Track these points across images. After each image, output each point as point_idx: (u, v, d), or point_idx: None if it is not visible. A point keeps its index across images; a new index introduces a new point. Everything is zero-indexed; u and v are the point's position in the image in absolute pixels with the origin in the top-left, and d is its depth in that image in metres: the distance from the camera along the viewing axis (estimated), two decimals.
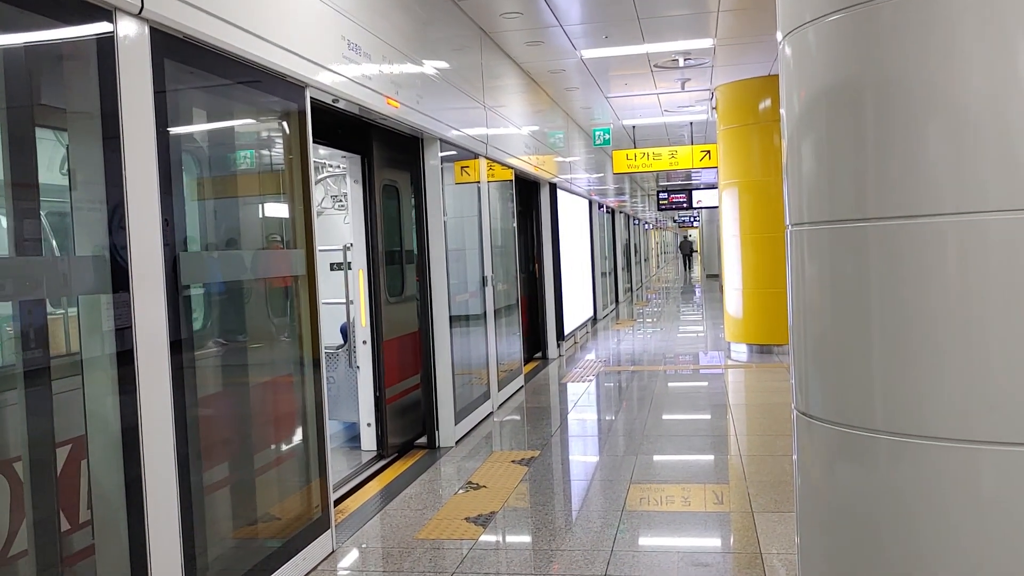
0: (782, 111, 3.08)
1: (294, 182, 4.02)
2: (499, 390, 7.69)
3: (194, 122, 3.55)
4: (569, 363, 10.42)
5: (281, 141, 4.07)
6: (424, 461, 5.78)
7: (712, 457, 5.63)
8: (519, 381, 8.61)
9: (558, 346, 11.16)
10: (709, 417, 6.95)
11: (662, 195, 20.24)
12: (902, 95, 2.53)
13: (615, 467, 5.44)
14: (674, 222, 49.81)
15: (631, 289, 23.65)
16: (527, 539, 4.26)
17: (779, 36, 3.05)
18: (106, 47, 2.65)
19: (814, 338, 2.96)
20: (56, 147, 3.15)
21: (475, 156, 7.27)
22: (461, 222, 7.11)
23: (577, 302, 12.81)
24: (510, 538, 4.30)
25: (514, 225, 9.01)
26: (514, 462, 5.65)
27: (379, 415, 5.70)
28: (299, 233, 4.01)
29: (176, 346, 2.91)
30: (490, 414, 7.29)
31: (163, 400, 2.81)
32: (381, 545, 4.21)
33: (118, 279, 2.67)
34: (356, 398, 5.93)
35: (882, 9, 2.62)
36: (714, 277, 27.97)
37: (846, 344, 2.77)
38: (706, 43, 8.50)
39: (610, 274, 18.18)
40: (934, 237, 2.50)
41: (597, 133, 12.92)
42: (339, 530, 4.35)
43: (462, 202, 7.18)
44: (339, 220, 7.67)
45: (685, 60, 9.23)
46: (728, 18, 7.62)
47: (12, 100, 2.55)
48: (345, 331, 6.36)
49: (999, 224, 2.39)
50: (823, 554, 3.02)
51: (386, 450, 5.68)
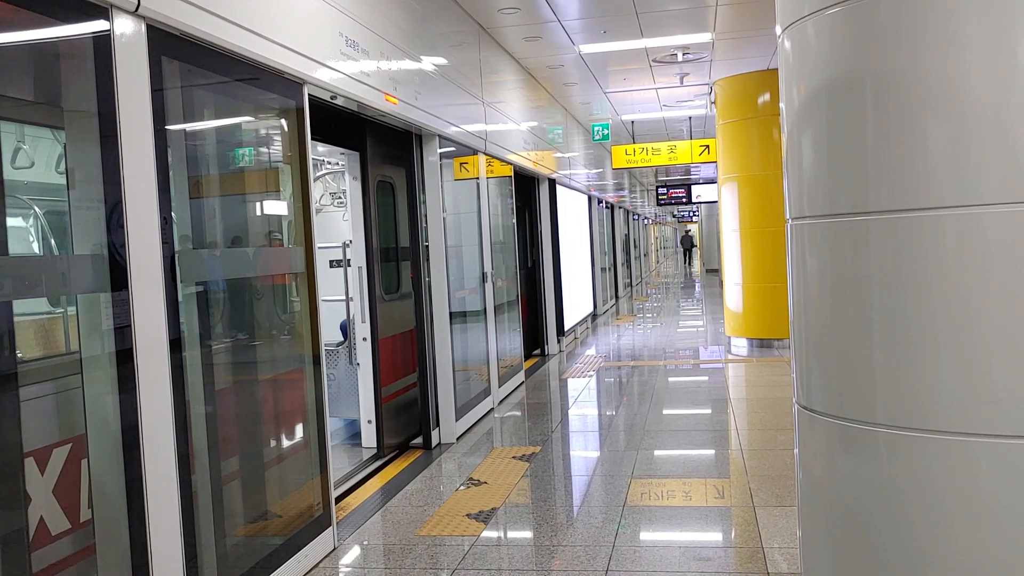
0: (781, 105, 3.07)
1: (293, 179, 4.02)
2: (500, 386, 7.69)
3: (192, 120, 3.54)
4: (569, 359, 10.43)
5: (279, 138, 4.06)
6: (425, 458, 5.78)
7: (713, 452, 5.63)
8: (519, 377, 8.61)
9: (558, 342, 11.16)
10: (710, 412, 6.95)
11: (661, 190, 20.25)
12: (901, 88, 2.52)
13: (616, 462, 5.44)
14: (673, 217, 49.81)
15: (631, 284, 23.65)
16: (529, 535, 4.26)
17: (778, 29, 3.05)
18: (103, 45, 2.64)
19: (815, 332, 2.95)
20: (53, 145, 3.14)
21: (474, 152, 7.27)
22: (460, 218, 7.11)
23: (577, 298, 12.81)
24: (511, 534, 4.30)
25: (513, 221, 9.00)
26: (515, 458, 5.65)
27: (376, 412, 5.70)
28: (298, 230, 4.00)
29: (176, 344, 2.90)
30: (491, 410, 7.29)
31: (163, 398, 2.81)
32: (383, 542, 4.21)
33: (117, 277, 2.66)
34: (356, 395, 5.93)
35: (881, 2, 2.61)
36: (713, 272, 27.96)
37: (847, 338, 2.77)
38: (705, 37, 8.49)
39: (610, 269, 18.17)
40: (934, 230, 2.50)
41: (596, 128, 12.90)
42: (340, 527, 4.36)
43: (461, 198, 7.17)
44: (338, 217, 7.66)
45: (684, 55, 9.21)
46: (727, 12, 7.61)
47: None
48: (345, 328, 6.35)
49: (998, 217, 2.39)
50: (825, 547, 3.02)
51: (382, 450, 5.66)
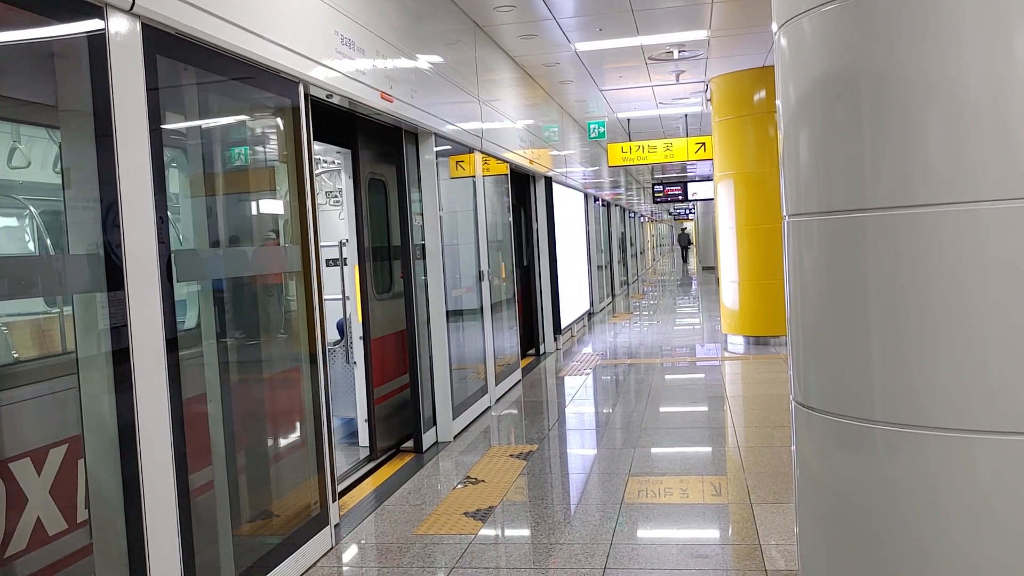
0: (778, 102, 3.07)
1: (290, 178, 4.01)
2: (496, 384, 7.68)
3: (188, 119, 3.53)
4: (566, 357, 10.43)
5: (276, 137, 4.06)
6: (422, 457, 5.77)
7: (710, 449, 5.64)
8: (516, 375, 8.61)
9: (555, 340, 11.16)
10: (706, 409, 6.95)
11: (657, 188, 20.26)
12: (898, 85, 2.52)
13: (613, 460, 5.44)
14: (669, 215, 49.84)
15: (627, 282, 23.66)
16: (526, 533, 4.26)
17: (774, 27, 3.05)
18: (98, 44, 2.63)
19: (812, 329, 2.95)
20: (49, 145, 3.13)
21: (470, 150, 7.26)
22: (457, 217, 7.10)
23: (574, 296, 12.81)
24: (509, 532, 4.30)
25: (510, 220, 9.00)
26: (512, 456, 5.65)
27: (368, 414, 5.67)
28: (295, 229, 3.99)
29: (172, 343, 2.90)
30: (488, 408, 7.29)
31: (159, 398, 2.80)
32: (381, 541, 4.21)
33: (113, 277, 2.66)
34: (353, 394, 5.91)
35: None
36: (710, 269, 27.98)
37: (844, 335, 2.77)
38: (700, 35, 8.49)
39: (606, 267, 18.18)
40: (931, 227, 2.50)
41: (592, 126, 12.90)
42: (338, 526, 4.35)
43: (458, 197, 7.16)
44: (334, 216, 7.65)
45: (680, 52, 9.22)
46: (722, 9, 7.61)
47: None
48: (342, 327, 6.34)
49: (996, 213, 2.39)
50: (822, 544, 3.03)
51: (375, 452, 5.64)
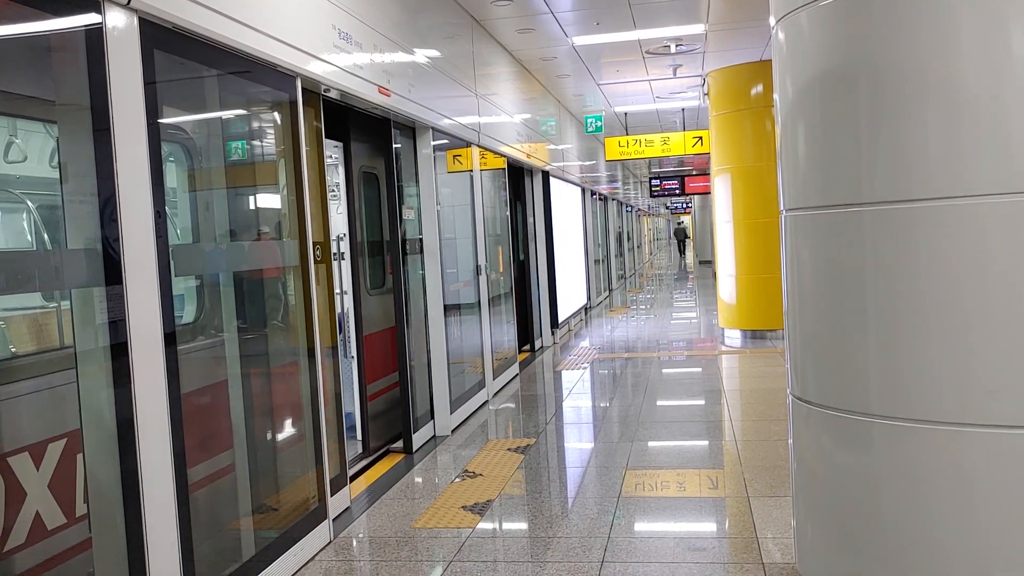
0: (775, 96, 3.07)
1: (287, 172, 4.01)
2: (494, 378, 7.69)
3: (185, 113, 3.52)
4: (564, 351, 10.44)
5: (272, 131, 4.05)
6: (412, 458, 5.74)
7: (707, 443, 5.65)
8: (514, 369, 8.62)
9: (552, 334, 11.17)
10: (703, 403, 6.97)
11: (654, 181, 20.27)
12: (895, 80, 2.53)
13: (610, 454, 5.46)
14: (667, 208, 49.85)
15: (624, 276, 23.68)
16: (524, 526, 4.27)
17: (772, 21, 3.05)
18: (95, 38, 2.62)
19: (809, 323, 2.96)
20: (46, 139, 3.13)
21: (467, 145, 7.25)
22: (454, 211, 7.09)
23: (571, 290, 12.82)
24: (507, 526, 4.32)
25: (507, 214, 9.00)
26: (510, 450, 5.66)
27: (362, 412, 5.65)
28: (292, 223, 3.99)
29: (170, 338, 2.90)
30: (485, 402, 7.30)
31: (158, 392, 2.80)
32: (378, 534, 4.22)
33: (111, 272, 2.66)
34: (351, 388, 5.91)
35: None
36: (707, 263, 28.00)
37: (841, 329, 2.78)
38: (698, 29, 8.48)
39: (603, 261, 18.19)
40: (928, 221, 2.51)
41: (589, 120, 12.89)
42: (336, 520, 4.36)
43: (455, 191, 7.16)
44: (332, 210, 7.62)
45: (677, 46, 9.21)
46: (720, 3, 7.60)
47: None
48: (341, 322, 6.33)
49: (992, 207, 2.40)
50: (819, 537, 3.04)
51: (367, 450, 5.61)
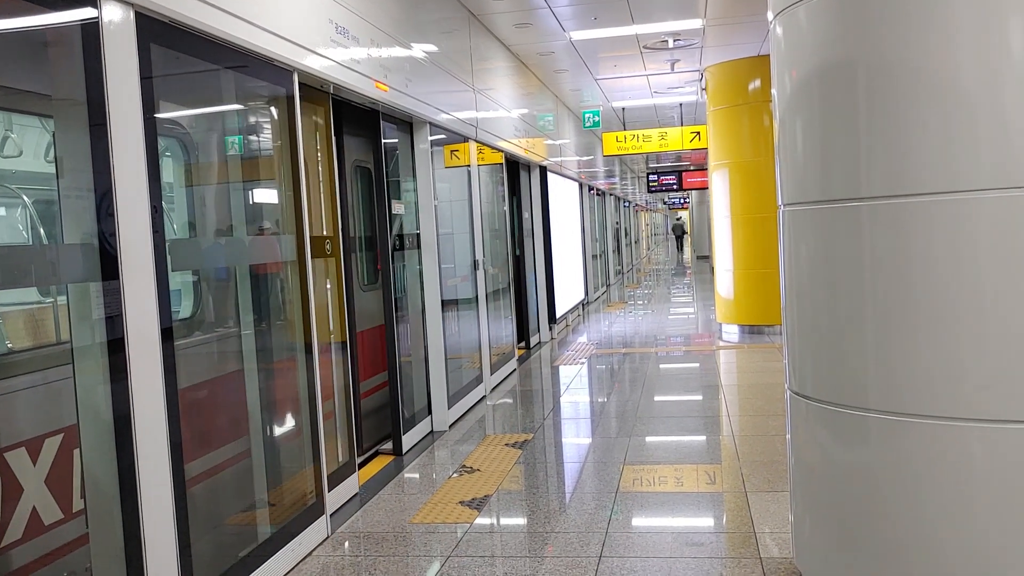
0: (773, 91, 3.07)
1: (283, 167, 4.00)
2: (492, 374, 7.69)
3: (182, 108, 3.51)
4: (561, 346, 10.44)
5: (269, 126, 4.04)
6: (401, 460, 5.70)
7: (705, 438, 5.66)
8: (512, 364, 8.63)
9: (550, 329, 11.17)
10: (701, 398, 6.98)
11: (652, 177, 20.25)
12: (894, 74, 2.52)
13: (608, 449, 5.46)
14: (664, 204, 49.84)
15: (622, 271, 23.68)
16: (522, 522, 4.27)
17: (770, 16, 3.04)
18: (91, 32, 2.61)
19: (807, 319, 2.96)
20: (42, 134, 3.12)
21: (464, 139, 7.24)
22: (452, 206, 7.08)
23: (568, 285, 12.82)
24: (505, 521, 4.32)
25: (505, 209, 8.99)
26: (508, 445, 5.66)
27: (355, 411, 5.59)
28: (288, 218, 3.98)
29: (167, 333, 2.89)
30: (483, 398, 7.30)
31: (155, 387, 2.80)
32: (376, 530, 4.22)
33: (107, 267, 2.65)
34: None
35: None
36: (704, 258, 28.01)
37: (839, 324, 2.78)
38: (695, 23, 8.47)
39: (601, 256, 18.19)
40: (927, 216, 2.51)
41: (587, 115, 12.87)
42: (334, 515, 4.36)
43: (452, 186, 7.15)
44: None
45: (674, 41, 9.20)
46: None
47: None
48: None
49: (991, 202, 2.40)
50: (817, 531, 3.04)
51: (360, 448, 5.56)
